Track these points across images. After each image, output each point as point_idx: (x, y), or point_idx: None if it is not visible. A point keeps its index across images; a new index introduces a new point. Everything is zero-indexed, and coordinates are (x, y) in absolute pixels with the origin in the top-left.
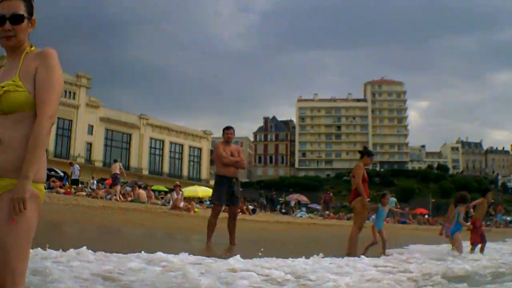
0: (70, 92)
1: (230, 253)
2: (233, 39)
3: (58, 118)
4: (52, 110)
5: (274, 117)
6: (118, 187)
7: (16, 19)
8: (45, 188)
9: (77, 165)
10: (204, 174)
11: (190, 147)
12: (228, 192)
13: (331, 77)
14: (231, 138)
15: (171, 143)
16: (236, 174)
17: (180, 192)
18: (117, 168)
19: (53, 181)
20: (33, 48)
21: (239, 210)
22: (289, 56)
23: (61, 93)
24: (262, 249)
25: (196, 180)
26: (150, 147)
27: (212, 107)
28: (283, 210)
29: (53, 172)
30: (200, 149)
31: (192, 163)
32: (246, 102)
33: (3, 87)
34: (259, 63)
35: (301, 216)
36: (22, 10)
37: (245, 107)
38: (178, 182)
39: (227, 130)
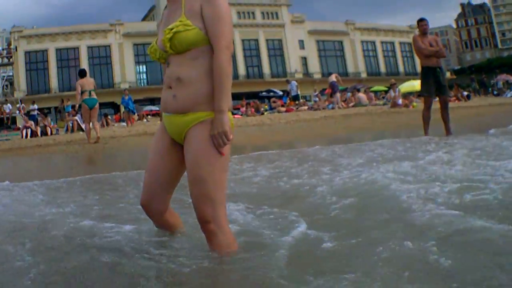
0: (272, 13)
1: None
2: None
3: (267, 39)
4: (227, 41)
5: (469, 2)
6: (338, 95)
7: None
8: (266, 110)
9: (294, 81)
10: (419, 67)
11: (400, 43)
12: (435, 82)
13: None
14: (427, 29)
15: (381, 42)
16: (439, 63)
17: (397, 90)
18: (333, 77)
19: (274, 101)
20: None
21: (454, 98)
22: None
23: (230, 22)
24: None
25: (412, 74)
26: (363, 50)
27: (411, 2)
28: (495, 92)
29: (271, 93)
30: (410, 44)
31: (405, 58)
32: None
33: (172, 29)
34: None
35: (511, 96)
36: None
37: None
38: (393, 80)
39: (421, 22)
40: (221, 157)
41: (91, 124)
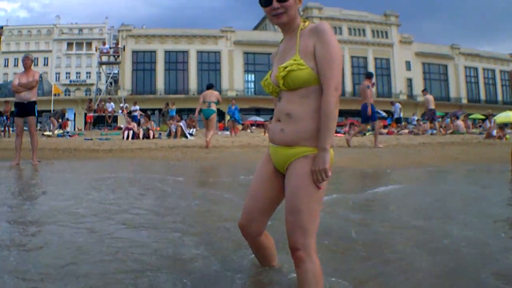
0: (381, 32)
1: None
2: None
3: (375, 58)
4: (336, 83)
5: None
6: (436, 122)
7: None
8: (368, 130)
9: (398, 104)
10: None
11: (501, 71)
12: None
13: None
14: None
15: (484, 69)
16: None
17: (492, 120)
18: (430, 101)
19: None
20: (306, 23)
21: None
22: None
23: (341, 64)
24: None
25: (510, 103)
26: (466, 76)
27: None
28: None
29: (376, 114)
30: (508, 72)
31: (504, 87)
32: None
33: (286, 67)
34: None
35: None
36: None
37: None
38: (490, 111)
39: None
40: (318, 190)
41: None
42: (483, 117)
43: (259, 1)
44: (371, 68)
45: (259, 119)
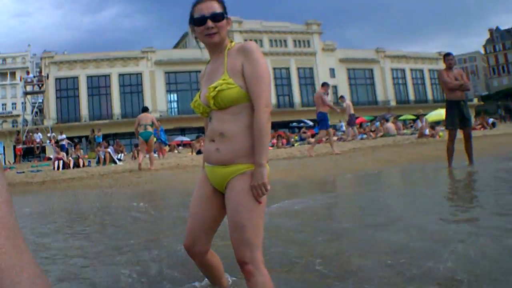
0: (303, 41)
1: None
2: None
3: (298, 68)
4: (266, 100)
5: (497, 28)
6: (355, 128)
7: (217, 17)
8: (296, 141)
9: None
10: None
11: (429, 70)
12: (459, 115)
13: None
14: (452, 64)
15: (411, 70)
16: (463, 96)
17: (424, 120)
18: (350, 106)
19: (304, 132)
20: (233, 43)
21: (480, 126)
22: None
23: (269, 82)
24: None
25: (441, 101)
26: (393, 78)
27: (439, 28)
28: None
29: (302, 124)
30: (437, 71)
31: (434, 85)
32: (468, 16)
33: (215, 87)
34: None
35: None
36: (219, 9)
37: (468, 21)
38: (421, 111)
39: (448, 56)
40: (259, 205)
41: (147, 155)
42: (414, 117)
43: (192, 21)
44: (294, 78)
45: (185, 138)
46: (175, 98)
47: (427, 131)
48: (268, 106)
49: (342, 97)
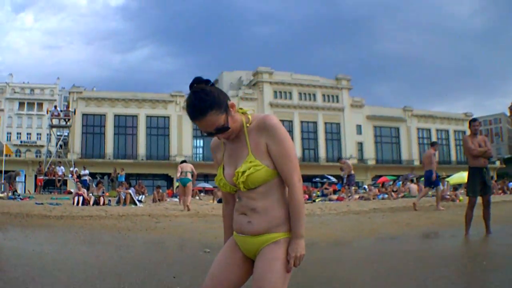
0: (333, 96)
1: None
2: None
3: (326, 123)
4: (298, 175)
5: None
6: (352, 188)
7: (221, 131)
8: (318, 196)
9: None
10: None
11: (455, 131)
12: (481, 183)
13: None
14: (478, 130)
15: (437, 130)
16: (486, 163)
17: (445, 183)
18: (351, 166)
19: (326, 188)
20: (249, 116)
21: (500, 191)
22: None
23: (296, 154)
24: None
25: (464, 163)
26: (419, 137)
27: (466, 88)
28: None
29: (325, 179)
30: (464, 132)
31: (458, 147)
32: (495, 77)
33: (244, 172)
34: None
35: None
36: (219, 120)
37: (495, 82)
38: (444, 173)
39: (474, 122)
40: (286, 274)
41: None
42: None
43: (200, 132)
44: (321, 132)
45: (207, 185)
46: (201, 144)
47: (447, 194)
48: (300, 180)
49: (340, 158)
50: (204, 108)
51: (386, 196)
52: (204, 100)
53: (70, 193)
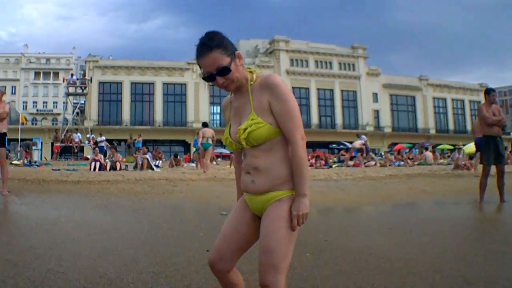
0: (349, 64)
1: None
2: None
3: (342, 90)
4: (301, 133)
5: None
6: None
7: (224, 71)
8: (334, 162)
9: (364, 136)
10: None
11: (470, 101)
12: (494, 152)
13: None
14: (495, 100)
15: (452, 100)
16: (500, 132)
17: (461, 151)
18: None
19: (342, 154)
20: (254, 75)
21: None
22: None
23: (299, 113)
24: None
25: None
26: (434, 107)
27: (481, 60)
28: None
29: (341, 146)
30: (479, 102)
31: (474, 117)
32: (510, 49)
33: (245, 129)
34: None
35: None
36: (223, 59)
37: (509, 55)
38: (461, 143)
39: (493, 92)
40: (292, 232)
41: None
42: (451, 147)
43: (202, 77)
44: (337, 100)
45: (225, 150)
46: (218, 111)
47: (463, 162)
48: (303, 139)
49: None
50: (211, 44)
51: (402, 163)
52: (212, 39)
53: (87, 159)
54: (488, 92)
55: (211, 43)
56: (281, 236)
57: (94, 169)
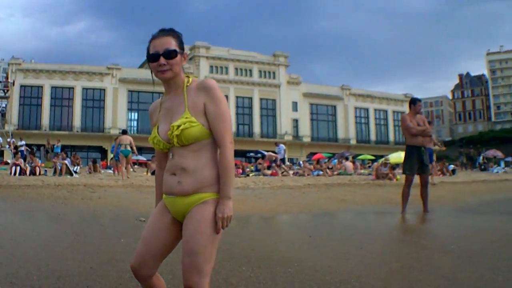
0: (269, 72)
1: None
2: None
3: (261, 99)
4: (230, 137)
5: (467, 73)
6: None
7: (170, 54)
8: (252, 171)
9: (282, 145)
10: None
11: (394, 112)
12: (418, 161)
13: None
14: (420, 110)
15: (375, 110)
16: (424, 143)
17: (388, 165)
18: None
19: (259, 163)
20: (190, 79)
21: (440, 172)
22: (472, 8)
23: (230, 119)
24: None
25: (402, 143)
26: (356, 117)
27: (407, 70)
28: (483, 167)
29: (259, 154)
30: (403, 113)
31: (397, 127)
32: (438, 59)
33: (179, 126)
34: (443, 19)
35: (497, 172)
36: (174, 45)
37: (438, 65)
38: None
39: (418, 102)
40: (216, 235)
41: (124, 168)
42: (372, 157)
43: (146, 56)
44: (256, 108)
45: (141, 158)
46: (136, 117)
47: (386, 169)
48: (232, 143)
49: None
50: (169, 32)
51: (321, 173)
52: (173, 30)
53: (7, 163)
54: (414, 101)
55: (170, 31)
56: (205, 239)
57: (15, 173)
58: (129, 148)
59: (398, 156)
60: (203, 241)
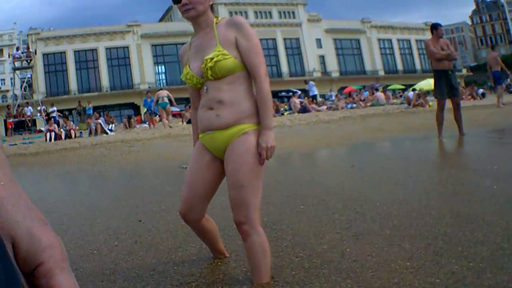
0: (289, 12)
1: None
2: None
3: (284, 38)
4: (265, 70)
5: None
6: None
7: None
8: (286, 110)
9: (312, 82)
10: None
11: (416, 41)
12: (447, 85)
13: None
14: (441, 35)
15: (398, 40)
16: (451, 66)
17: (414, 91)
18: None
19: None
20: (219, 18)
21: (470, 96)
22: None
23: (262, 50)
24: None
25: (429, 71)
26: (380, 48)
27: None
28: (511, 89)
29: (291, 93)
30: (424, 41)
31: (422, 56)
32: None
33: (212, 58)
34: None
35: None
36: None
37: None
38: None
39: (440, 27)
40: (260, 166)
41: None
42: (402, 87)
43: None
44: (281, 49)
45: (174, 109)
46: (163, 70)
47: (419, 100)
48: (267, 75)
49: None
50: None
51: (354, 105)
52: None
53: (41, 131)
54: (436, 27)
55: None
56: (250, 170)
57: (50, 139)
58: (166, 100)
59: (427, 83)
60: (248, 173)
